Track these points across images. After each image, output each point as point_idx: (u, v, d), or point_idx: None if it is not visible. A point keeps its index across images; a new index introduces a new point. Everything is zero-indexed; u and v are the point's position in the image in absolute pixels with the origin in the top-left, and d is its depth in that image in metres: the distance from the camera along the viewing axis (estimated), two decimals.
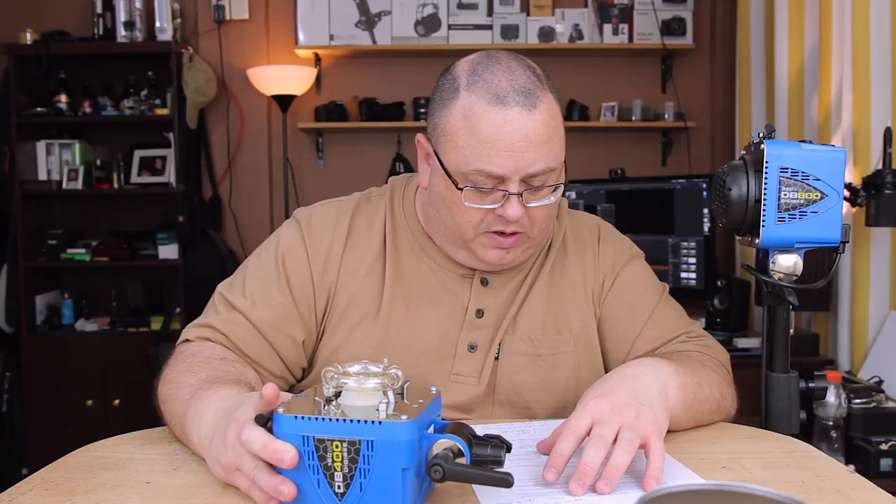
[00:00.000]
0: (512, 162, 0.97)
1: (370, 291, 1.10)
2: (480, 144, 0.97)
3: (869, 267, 2.26)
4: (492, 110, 0.97)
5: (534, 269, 1.15)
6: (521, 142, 0.97)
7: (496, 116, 0.97)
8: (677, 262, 2.92)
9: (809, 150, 0.99)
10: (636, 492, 0.78)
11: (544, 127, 0.98)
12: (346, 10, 3.43)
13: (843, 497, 0.77)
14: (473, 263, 1.09)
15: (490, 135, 0.97)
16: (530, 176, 0.99)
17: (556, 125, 1.01)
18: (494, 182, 0.99)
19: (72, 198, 3.54)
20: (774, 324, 1.07)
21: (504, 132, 0.97)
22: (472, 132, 0.98)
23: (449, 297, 1.11)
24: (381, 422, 0.68)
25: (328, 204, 1.16)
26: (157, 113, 3.35)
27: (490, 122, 0.97)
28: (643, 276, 1.19)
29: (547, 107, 1.00)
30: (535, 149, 0.97)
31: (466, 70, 1.02)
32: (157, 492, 0.79)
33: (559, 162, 1.01)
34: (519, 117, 0.97)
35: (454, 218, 1.03)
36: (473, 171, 0.98)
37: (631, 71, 3.55)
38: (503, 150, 0.97)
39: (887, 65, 2.23)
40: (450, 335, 1.10)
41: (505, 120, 0.97)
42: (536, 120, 0.98)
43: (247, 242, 3.50)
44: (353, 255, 1.11)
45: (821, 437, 1.94)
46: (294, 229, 1.12)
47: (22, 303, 3.31)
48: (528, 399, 1.11)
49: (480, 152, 0.98)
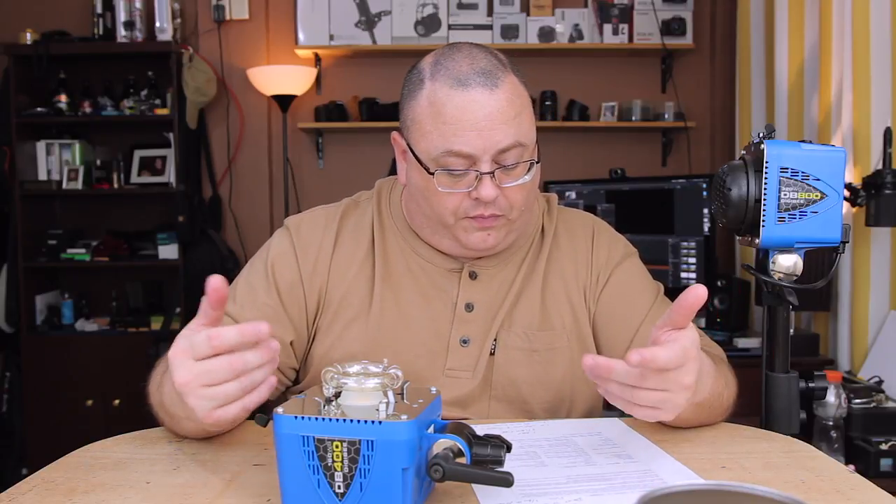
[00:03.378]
0: (479, 140, 0.99)
1: (360, 291, 1.12)
2: (447, 127, 1.00)
3: (869, 267, 2.26)
4: (454, 93, 1.00)
5: (525, 264, 1.15)
6: (486, 120, 0.99)
7: (459, 98, 1.00)
8: (677, 262, 2.92)
9: (809, 150, 0.99)
10: (636, 492, 0.78)
11: (509, 104, 1.01)
12: (346, 10, 3.43)
13: (843, 497, 0.77)
14: (460, 251, 1.11)
15: (455, 116, 0.99)
16: (500, 153, 1.00)
17: (522, 104, 1.03)
18: (465, 163, 1.01)
19: (72, 198, 3.54)
20: (774, 324, 1.07)
21: (468, 112, 0.99)
22: (437, 116, 1.01)
23: (438, 292, 1.13)
24: (381, 422, 0.68)
25: (317, 210, 1.20)
26: (157, 113, 3.35)
27: (454, 104, 1.00)
28: (639, 274, 1.20)
29: (510, 86, 1.02)
30: (501, 126, 1.00)
31: (430, 62, 1.05)
32: (157, 492, 0.79)
33: (529, 139, 1.03)
34: (481, 97, 0.99)
35: (432, 207, 1.05)
36: (443, 154, 1.01)
37: (631, 71, 3.55)
38: (469, 129, 0.99)
39: (887, 65, 2.23)
40: (441, 330, 1.11)
41: (468, 100, 0.99)
42: (500, 97, 1.00)
43: (247, 242, 3.51)
44: (342, 256, 1.13)
45: (821, 437, 1.94)
46: (284, 236, 1.16)
47: (22, 303, 3.30)
48: (524, 394, 1.11)
49: (447, 134, 1.00)
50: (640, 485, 0.79)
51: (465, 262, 1.14)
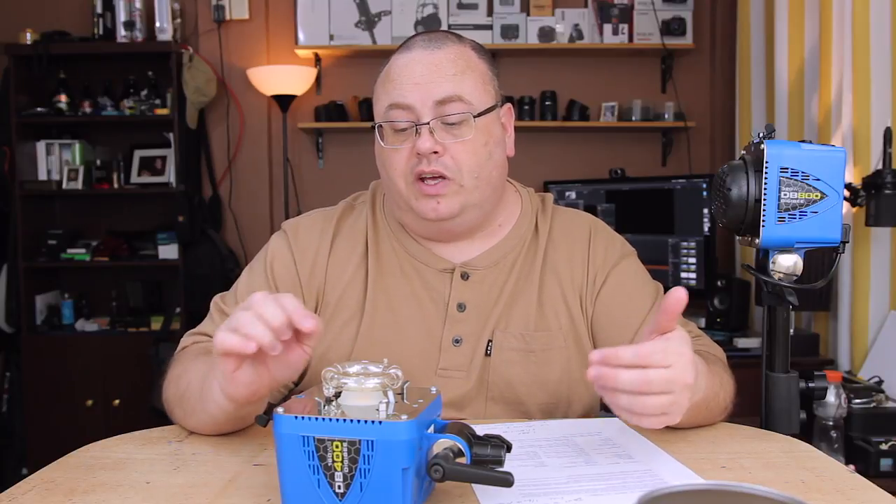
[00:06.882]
0: (416, 91, 1.05)
1: (355, 292, 1.14)
2: (389, 84, 1.07)
3: (869, 267, 2.27)
4: (400, 56, 1.09)
5: (519, 264, 1.16)
6: (425, 73, 1.05)
7: (402, 59, 1.08)
8: (677, 262, 2.92)
9: (809, 150, 0.99)
10: (636, 492, 0.78)
11: (450, 63, 1.06)
12: (346, 10, 3.44)
13: (843, 497, 0.77)
14: (419, 227, 1.13)
15: (396, 73, 1.07)
16: (439, 104, 1.04)
17: (467, 66, 1.07)
18: (406, 115, 1.05)
19: (72, 198, 3.54)
20: (774, 324, 1.07)
21: (408, 69, 1.06)
22: (385, 79, 1.09)
23: (430, 292, 1.13)
24: (381, 422, 0.68)
25: (314, 213, 1.22)
26: (157, 113, 3.35)
27: (398, 64, 1.08)
28: (637, 273, 1.19)
29: (456, 50, 1.08)
30: (440, 79, 1.05)
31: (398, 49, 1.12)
32: (157, 492, 0.79)
33: (472, 96, 1.06)
34: (421, 55, 1.07)
35: (387, 172, 1.10)
36: (386, 109, 1.06)
37: (631, 71, 3.55)
38: (407, 82, 1.06)
39: (887, 65, 2.23)
40: (433, 330, 1.12)
41: (409, 59, 1.07)
42: (440, 56, 1.06)
43: (247, 242, 3.50)
44: (337, 258, 1.15)
45: (821, 437, 1.94)
46: (282, 239, 1.18)
47: (22, 303, 3.30)
48: (521, 394, 1.11)
49: (389, 90, 1.07)
50: (640, 485, 0.79)
51: (456, 263, 1.14)
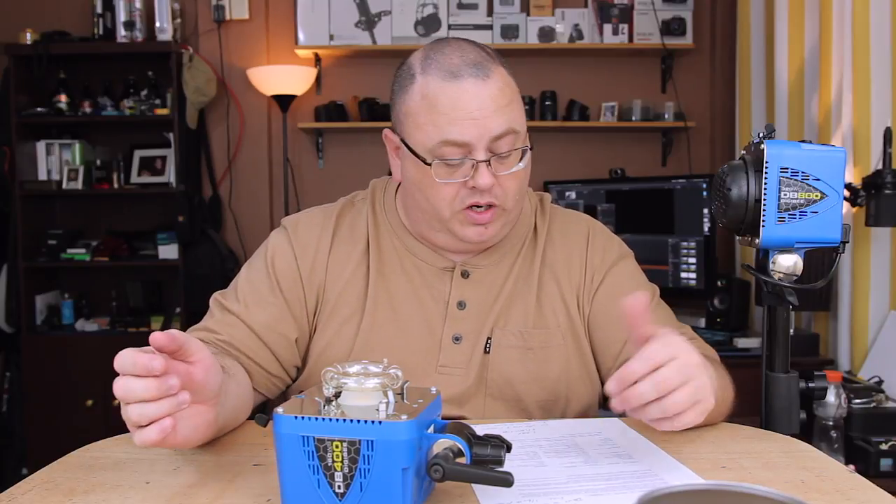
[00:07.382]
0: (474, 128, 1.01)
1: (356, 289, 1.13)
2: (441, 117, 1.01)
3: (869, 267, 2.27)
4: (447, 85, 1.02)
5: (518, 263, 1.16)
6: (480, 109, 1.01)
7: (452, 89, 1.01)
8: (677, 262, 2.92)
9: (809, 150, 0.99)
10: (636, 492, 0.78)
11: (500, 93, 1.03)
12: (346, 10, 3.44)
13: (843, 497, 0.77)
14: (455, 245, 1.12)
15: (449, 106, 1.01)
16: (494, 140, 1.02)
17: (511, 93, 1.05)
18: (461, 152, 1.02)
19: (72, 198, 3.54)
20: (774, 324, 1.07)
21: (462, 102, 1.01)
22: (431, 108, 1.02)
23: (430, 290, 1.14)
24: (381, 422, 0.68)
25: (314, 210, 1.21)
26: (157, 113, 3.35)
27: (447, 95, 1.01)
28: (634, 274, 1.20)
29: (500, 77, 1.04)
30: (494, 114, 1.02)
31: (420, 57, 1.07)
32: (157, 492, 0.79)
33: (521, 126, 1.06)
34: (473, 87, 1.01)
35: (429, 200, 1.06)
36: (439, 144, 1.02)
37: (631, 71, 3.55)
38: (463, 118, 1.01)
39: (887, 65, 2.23)
40: (433, 328, 1.12)
41: (461, 90, 1.01)
42: (491, 87, 1.02)
43: (247, 242, 3.51)
44: (338, 255, 1.15)
45: (821, 437, 1.94)
46: (282, 235, 1.17)
47: (22, 303, 3.30)
48: (519, 391, 1.12)
49: (442, 124, 1.01)
50: (640, 485, 0.79)
51: (457, 261, 1.14)
